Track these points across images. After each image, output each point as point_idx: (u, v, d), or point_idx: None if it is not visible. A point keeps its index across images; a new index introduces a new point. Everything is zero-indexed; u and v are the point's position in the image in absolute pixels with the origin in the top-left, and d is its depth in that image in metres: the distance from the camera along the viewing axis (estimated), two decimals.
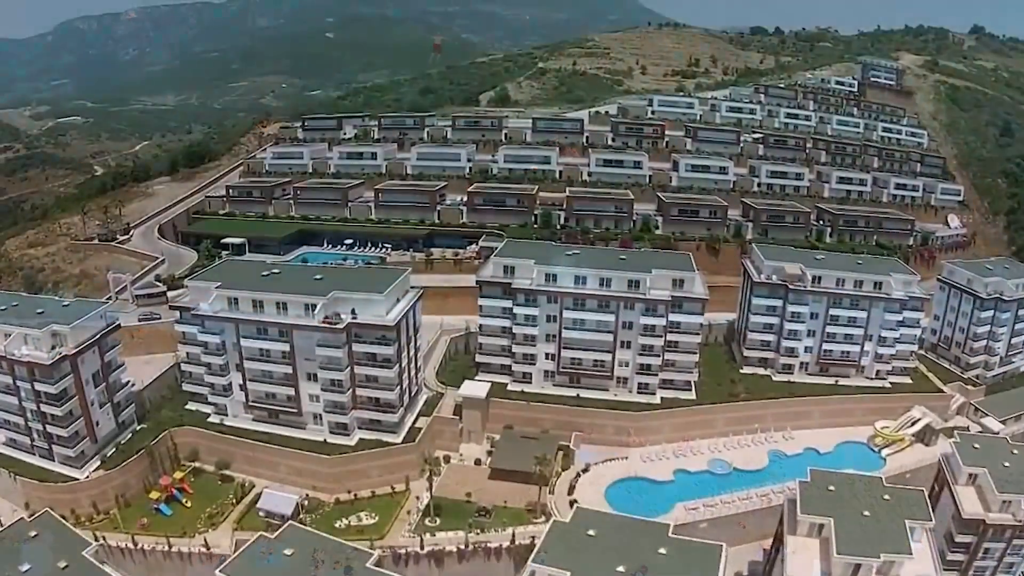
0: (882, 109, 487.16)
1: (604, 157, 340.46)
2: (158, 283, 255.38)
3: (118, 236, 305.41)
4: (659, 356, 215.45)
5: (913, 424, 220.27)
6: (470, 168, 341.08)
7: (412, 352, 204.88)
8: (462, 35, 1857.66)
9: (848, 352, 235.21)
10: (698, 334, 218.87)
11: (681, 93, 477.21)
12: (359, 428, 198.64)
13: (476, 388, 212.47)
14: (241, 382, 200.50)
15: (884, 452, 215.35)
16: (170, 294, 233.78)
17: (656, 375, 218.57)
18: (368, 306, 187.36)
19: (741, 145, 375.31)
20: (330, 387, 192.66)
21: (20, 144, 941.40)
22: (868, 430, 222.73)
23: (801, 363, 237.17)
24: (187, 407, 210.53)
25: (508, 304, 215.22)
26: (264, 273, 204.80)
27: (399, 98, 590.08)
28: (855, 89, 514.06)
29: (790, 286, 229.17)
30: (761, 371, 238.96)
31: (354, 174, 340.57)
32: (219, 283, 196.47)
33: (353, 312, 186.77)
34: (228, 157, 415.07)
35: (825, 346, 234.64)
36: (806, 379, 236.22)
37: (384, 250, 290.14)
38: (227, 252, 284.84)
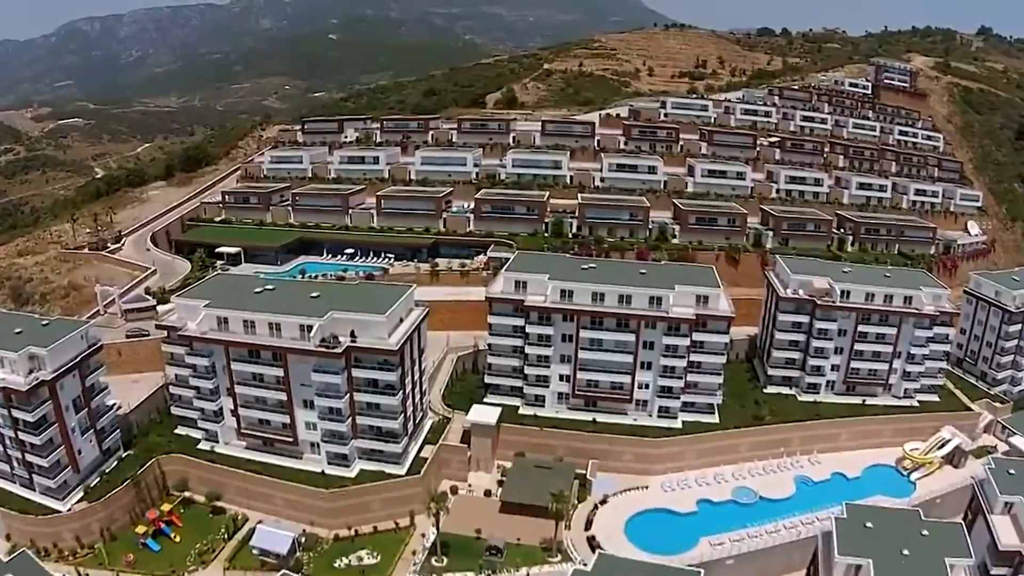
0: (897, 112, 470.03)
1: (617, 162, 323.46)
2: (147, 296, 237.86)
3: (109, 245, 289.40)
4: (681, 378, 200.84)
5: (942, 446, 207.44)
6: (477, 173, 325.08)
7: (417, 376, 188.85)
8: (465, 36, 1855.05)
9: (876, 370, 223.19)
10: (723, 354, 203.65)
11: (694, 95, 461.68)
12: (360, 458, 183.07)
13: (485, 414, 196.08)
14: (232, 407, 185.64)
15: (914, 476, 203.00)
16: (160, 309, 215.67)
17: (678, 398, 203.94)
18: (369, 328, 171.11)
19: (758, 149, 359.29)
20: (328, 415, 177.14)
21: (21, 146, 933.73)
22: (896, 451, 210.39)
23: (827, 382, 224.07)
24: (176, 431, 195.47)
25: (520, 322, 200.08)
26: (257, 290, 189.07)
27: (403, 100, 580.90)
28: (869, 91, 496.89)
29: (818, 302, 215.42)
30: (785, 390, 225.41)
31: (355, 179, 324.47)
32: (208, 301, 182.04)
33: (352, 335, 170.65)
34: (226, 161, 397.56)
35: (853, 364, 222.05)
36: (832, 399, 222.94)
37: (387, 260, 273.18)
38: (222, 262, 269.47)
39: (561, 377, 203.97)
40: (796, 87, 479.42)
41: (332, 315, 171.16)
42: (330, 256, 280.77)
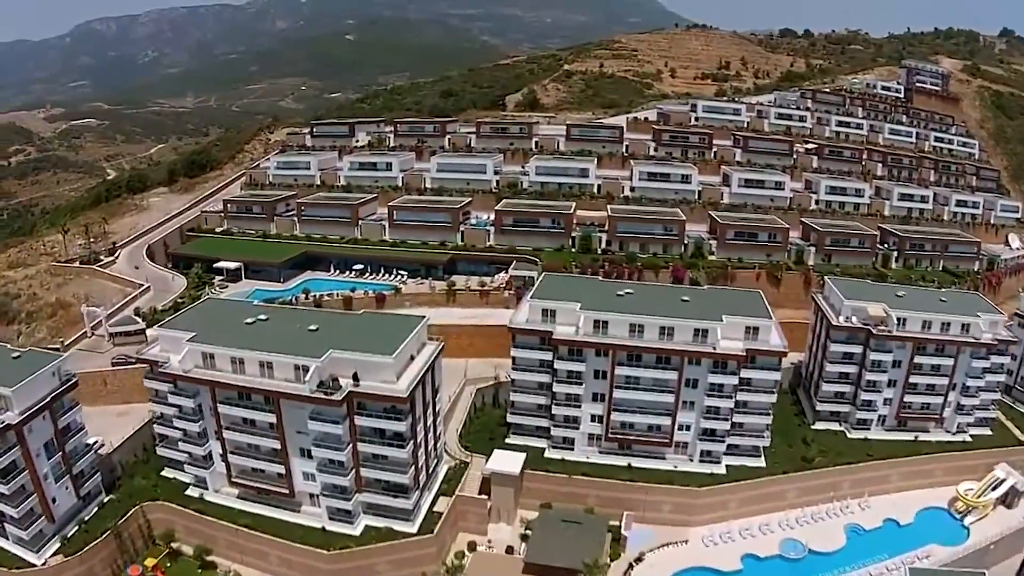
0: (931, 116, 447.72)
1: (648, 170, 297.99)
2: (137, 319, 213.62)
3: (102, 257, 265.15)
4: (727, 419, 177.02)
5: (996, 486, 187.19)
6: (497, 181, 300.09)
7: (431, 420, 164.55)
8: (482, 37, 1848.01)
9: (929, 404, 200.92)
10: (773, 392, 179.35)
11: (724, 98, 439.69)
12: (365, 513, 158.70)
13: (508, 461, 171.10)
14: (222, 452, 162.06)
15: (967, 521, 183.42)
16: (150, 333, 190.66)
17: (723, 441, 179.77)
18: (374, 370, 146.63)
19: (795, 156, 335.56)
20: (327, 468, 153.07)
21: (32, 147, 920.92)
22: (948, 491, 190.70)
23: (879, 417, 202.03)
24: (163, 474, 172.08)
25: (547, 356, 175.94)
26: (248, 320, 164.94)
27: (419, 101, 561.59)
28: (901, 95, 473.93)
29: (873, 331, 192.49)
30: (834, 426, 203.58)
31: (366, 187, 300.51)
32: (193, 332, 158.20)
33: (355, 377, 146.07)
34: (231, 166, 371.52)
35: (906, 398, 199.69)
36: (883, 435, 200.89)
37: (399, 278, 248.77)
38: (221, 278, 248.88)
39: (593, 417, 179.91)
40: (827, 90, 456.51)
41: (332, 354, 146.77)
42: (337, 272, 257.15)
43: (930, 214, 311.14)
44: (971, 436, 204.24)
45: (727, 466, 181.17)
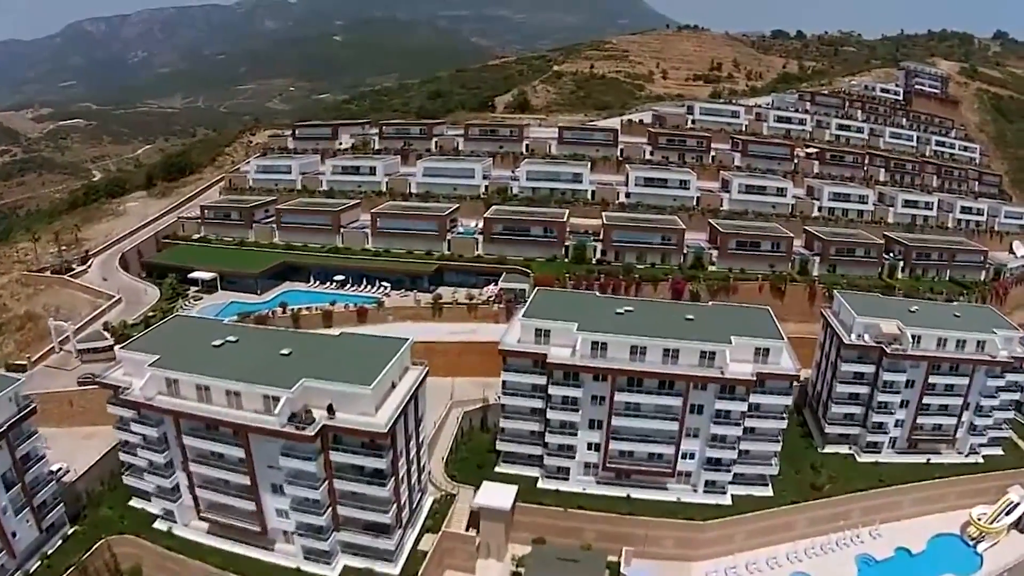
0: (931, 120, 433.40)
1: (645, 175, 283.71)
2: (105, 334, 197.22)
3: (74, 266, 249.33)
4: (734, 447, 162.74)
5: (1010, 510, 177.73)
6: (486, 187, 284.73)
7: (414, 452, 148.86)
8: (472, 39, 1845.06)
9: (942, 425, 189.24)
10: (783, 418, 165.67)
11: (720, 99, 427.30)
12: (344, 552, 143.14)
13: (498, 495, 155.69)
14: (189, 484, 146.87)
15: (980, 548, 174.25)
16: (118, 354, 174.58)
17: (729, 470, 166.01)
18: (351, 401, 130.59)
19: (795, 161, 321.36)
20: (301, 506, 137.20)
21: (18, 147, 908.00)
22: (961, 515, 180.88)
23: (890, 439, 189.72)
24: (131, 503, 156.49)
25: (541, 380, 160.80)
26: (216, 342, 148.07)
27: (407, 102, 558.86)
28: (900, 97, 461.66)
29: (887, 350, 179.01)
30: (843, 449, 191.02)
31: (349, 192, 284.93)
32: (156, 356, 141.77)
33: (330, 409, 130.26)
34: (211, 169, 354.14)
35: (919, 419, 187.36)
36: (894, 458, 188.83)
37: (381, 290, 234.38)
38: (196, 289, 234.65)
39: (590, 446, 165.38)
40: (826, 92, 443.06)
41: (304, 384, 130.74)
42: (317, 283, 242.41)
43: (934, 221, 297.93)
44: (983, 457, 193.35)
45: (733, 496, 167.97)
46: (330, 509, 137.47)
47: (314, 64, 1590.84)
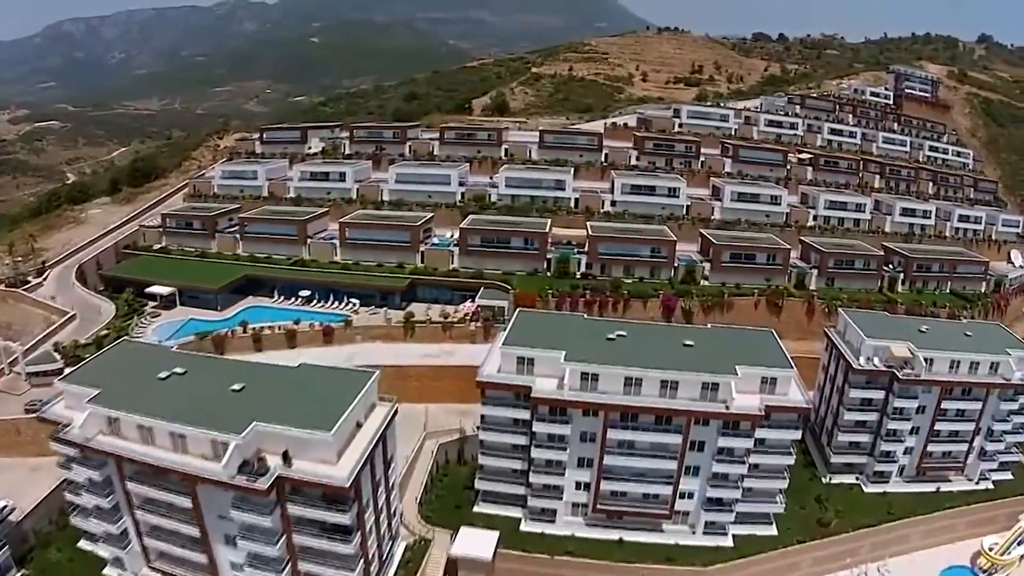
0: (923, 124, 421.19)
1: (632, 182, 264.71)
2: (56, 355, 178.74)
3: (30, 279, 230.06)
4: (737, 486, 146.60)
5: (1022, 540, 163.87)
6: (463, 194, 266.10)
7: (383, 499, 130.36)
8: (450, 41, 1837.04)
9: (951, 452, 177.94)
10: (790, 453, 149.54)
11: (708, 103, 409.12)
12: None
13: (478, 543, 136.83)
14: (136, 532, 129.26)
15: None
16: (58, 386, 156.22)
17: (731, 510, 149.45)
18: (309, 448, 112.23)
19: (788, 167, 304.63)
20: (256, 563, 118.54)
21: None
22: (970, 543, 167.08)
23: (899, 467, 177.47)
24: (80, 545, 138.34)
25: (524, 414, 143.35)
26: (163, 374, 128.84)
27: (383, 104, 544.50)
28: (891, 101, 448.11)
29: (899, 375, 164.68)
30: (849, 479, 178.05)
31: (318, 200, 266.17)
32: (97, 389, 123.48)
33: (286, 457, 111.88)
34: (177, 174, 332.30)
35: (929, 446, 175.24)
36: (903, 487, 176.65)
37: (350, 306, 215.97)
38: (154, 304, 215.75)
39: (578, 485, 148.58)
40: (815, 95, 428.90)
41: (256, 428, 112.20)
42: (281, 299, 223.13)
43: (932, 230, 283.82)
44: (993, 483, 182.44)
45: (734, 536, 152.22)
46: (289, 565, 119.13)
47: (292, 66, 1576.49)
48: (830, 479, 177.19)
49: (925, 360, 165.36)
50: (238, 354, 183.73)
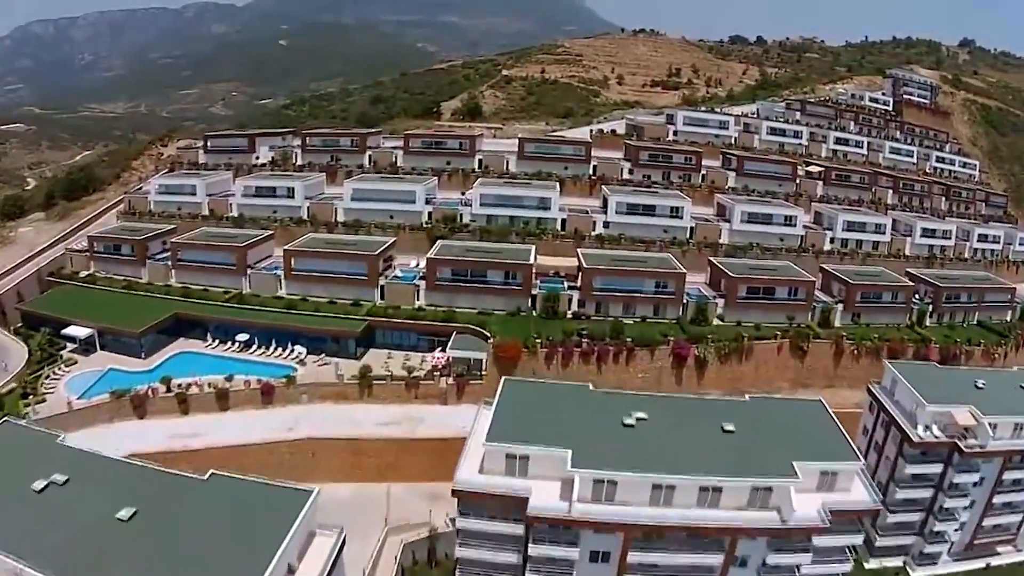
0: (926, 133, 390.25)
1: (628, 200, 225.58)
2: None
3: None
4: None
5: None
6: (430, 214, 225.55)
7: None
8: (418, 44, 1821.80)
9: (1002, 524, 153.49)
10: (847, 560, 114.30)
11: (702, 108, 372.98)
12: None
13: None
14: None
15: None
16: None
17: None
18: None
19: (798, 181, 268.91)
20: None
21: None
22: None
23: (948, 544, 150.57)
24: None
25: (518, 530, 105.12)
26: (39, 485, 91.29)
27: (347, 107, 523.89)
28: (891, 108, 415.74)
29: (963, 448, 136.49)
30: (895, 561, 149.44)
31: (263, 219, 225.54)
32: None
33: None
34: (116, 187, 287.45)
35: (984, 521, 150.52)
36: (951, 567, 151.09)
37: (296, 355, 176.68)
38: (72, 347, 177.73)
39: None
40: (813, 100, 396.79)
41: None
42: (216, 343, 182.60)
43: (952, 252, 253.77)
44: None
45: None
46: None
47: (259, 68, 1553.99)
48: (872, 563, 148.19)
49: (990, 425, 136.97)
50: (161, 417, 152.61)
